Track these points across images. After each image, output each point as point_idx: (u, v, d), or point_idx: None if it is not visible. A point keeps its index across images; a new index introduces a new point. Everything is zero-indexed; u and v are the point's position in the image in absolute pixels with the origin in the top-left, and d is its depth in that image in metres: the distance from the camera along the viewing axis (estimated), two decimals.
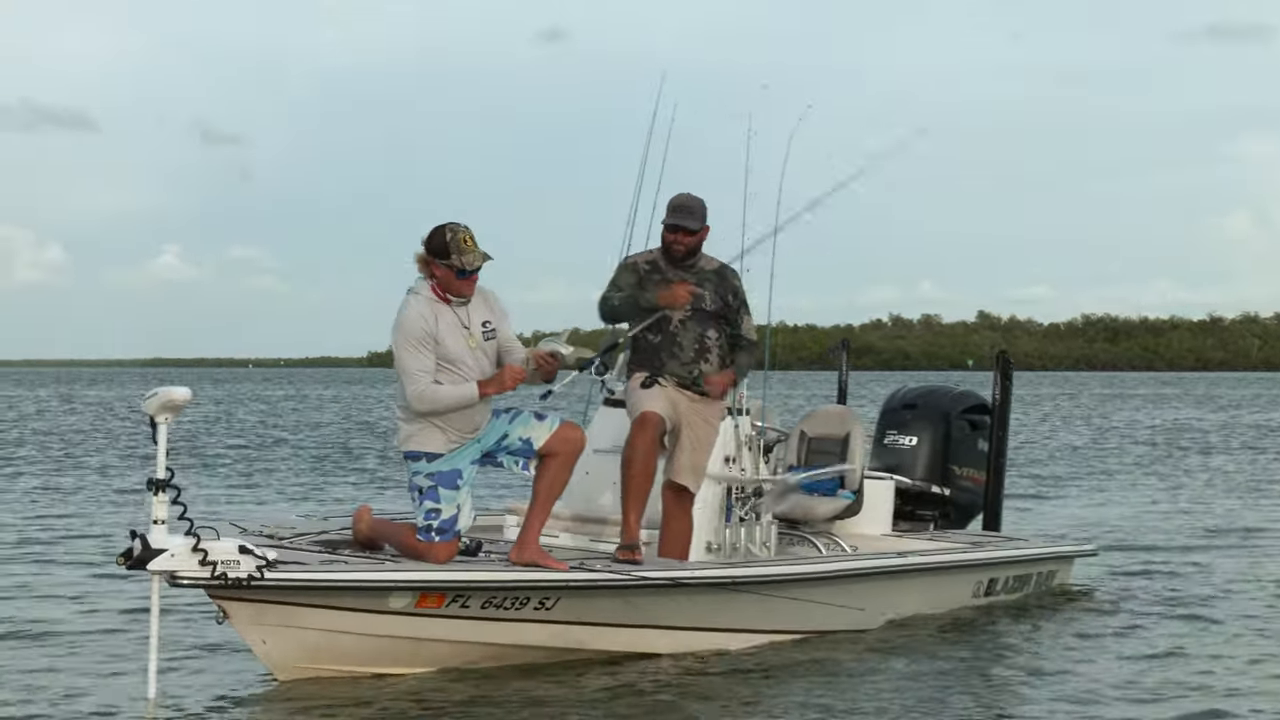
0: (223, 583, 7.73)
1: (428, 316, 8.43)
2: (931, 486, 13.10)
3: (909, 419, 13.31)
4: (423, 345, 8.38)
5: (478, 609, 8.44)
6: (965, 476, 13.18)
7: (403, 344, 8.41)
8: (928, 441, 13.16)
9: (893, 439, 13.26)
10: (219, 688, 8.45)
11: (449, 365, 8.45)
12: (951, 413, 13.31)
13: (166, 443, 7.81)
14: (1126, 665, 9.58)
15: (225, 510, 17.79)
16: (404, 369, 8.41)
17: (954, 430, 13.24)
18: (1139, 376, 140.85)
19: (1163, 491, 22.58)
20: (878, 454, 13.32)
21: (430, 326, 8.41)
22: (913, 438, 13.18)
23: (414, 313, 8.45)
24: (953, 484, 13.14)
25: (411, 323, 8.43)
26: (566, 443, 8.67)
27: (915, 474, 13.04)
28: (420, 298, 8.51)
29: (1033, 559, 11.91)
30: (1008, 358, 13.33)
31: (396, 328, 8.47)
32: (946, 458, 13.16)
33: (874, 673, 9.18)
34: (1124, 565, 14.00)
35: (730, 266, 9.79)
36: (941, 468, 13.15)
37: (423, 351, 8.38)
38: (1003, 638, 10.46)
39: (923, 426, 13.22)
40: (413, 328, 8.42)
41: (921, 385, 14.01)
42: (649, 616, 9.08)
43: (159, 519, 7.74)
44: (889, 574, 10.46)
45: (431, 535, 8.51)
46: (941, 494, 13.10)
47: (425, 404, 8.36)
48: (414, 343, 8.39)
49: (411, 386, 8.38)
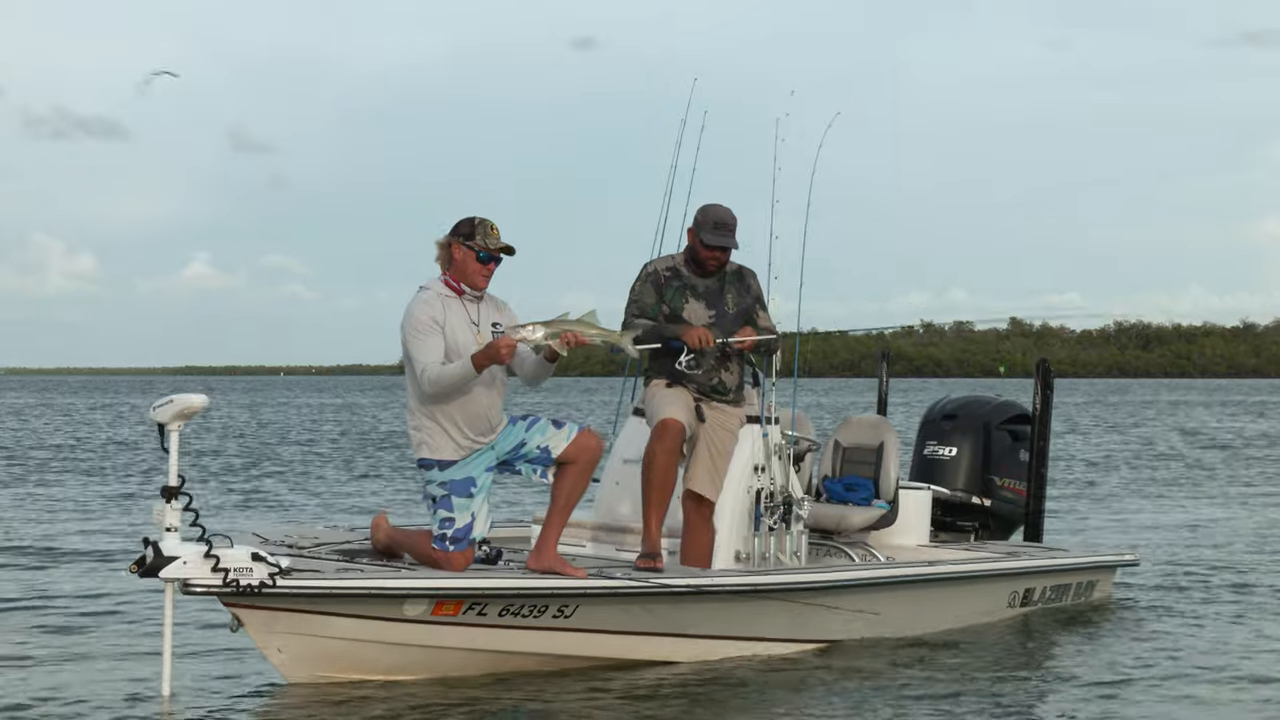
0: (235, 590, 7.72)
1: (436, 307, 8.41)
2: (972, 497, 12.96)
3: (949, 430, 13.18)
4: (430, 331, 8.34)
5: (495, 617, 8.40)
6: (1006, 487, 13.03)
7: (411, 332, 8.38)
8: (968, 452, 13.03)
9: (932, 450, 13.14)
10: (233, 691, 8.44)
11: (455, 359, 8.41)
12: (992, 423, 13.17)
13: (178, 450, 7.79)
14: (1167, 680, 9.38)
15: (248, 522, 17.79)
16: (412, 356, 8.37)
17: (994, 441, 13.09)
18: (1172, 383, 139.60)
19: (1211, 500, 22.30)
20: (918, 465, 13.21)
21: (438, 315, 8.38)
22: (952, 448, 13.05)
23: (421, 303, 8.44)
24: (994, 495, 12.99)
25: (419, 311, 8.41)
26: (585, 450, 8.61)
27: (955, 485, 12.91)
28: (429, 292, 8.50)
29: (1070, 568, 11.74)
30: (1048, 366, 13.17)
31: (404, 320, 8.45)
32: (987, 468, 13.02)
33: (896, 683, 9.05)
34: (1170, 576, 13.79)
35: (748, 268, 9.70)
36: (982, 478, 13.02)
37: (430, 336, 8.34)
38: (1035, 650, 10.30)
39: (963, 437, 13.09)
40: (420, 315, 8.39)
41: (962, 396, 13.85)
42: (671, 625, 9.00)
43: (171, 526, 7.74)
44: (916, 583, 10.32)
45: (446, 544, 8.47)
46: (982, 505, 12.97)
47: (431, 383, 8.30)
48: (421, 329, 8.35)
49: (420, 370, 8.33)
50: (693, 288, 9.50)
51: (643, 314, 9.47)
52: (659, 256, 9.77)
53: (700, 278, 9.51)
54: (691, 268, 9.52)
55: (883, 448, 11.61)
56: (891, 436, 11.68)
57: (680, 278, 9.52)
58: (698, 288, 9.50)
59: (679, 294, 9.48)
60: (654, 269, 9.59)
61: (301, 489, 23.92)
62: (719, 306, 9.48)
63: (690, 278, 9.52)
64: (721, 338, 9.43)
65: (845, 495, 11.42)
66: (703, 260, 9.46)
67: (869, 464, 11.64)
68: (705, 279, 9.52)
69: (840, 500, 11.40)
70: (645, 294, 9.51)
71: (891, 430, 11.78)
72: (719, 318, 9.45)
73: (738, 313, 9.52)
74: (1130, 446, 37.44)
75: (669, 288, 9.49)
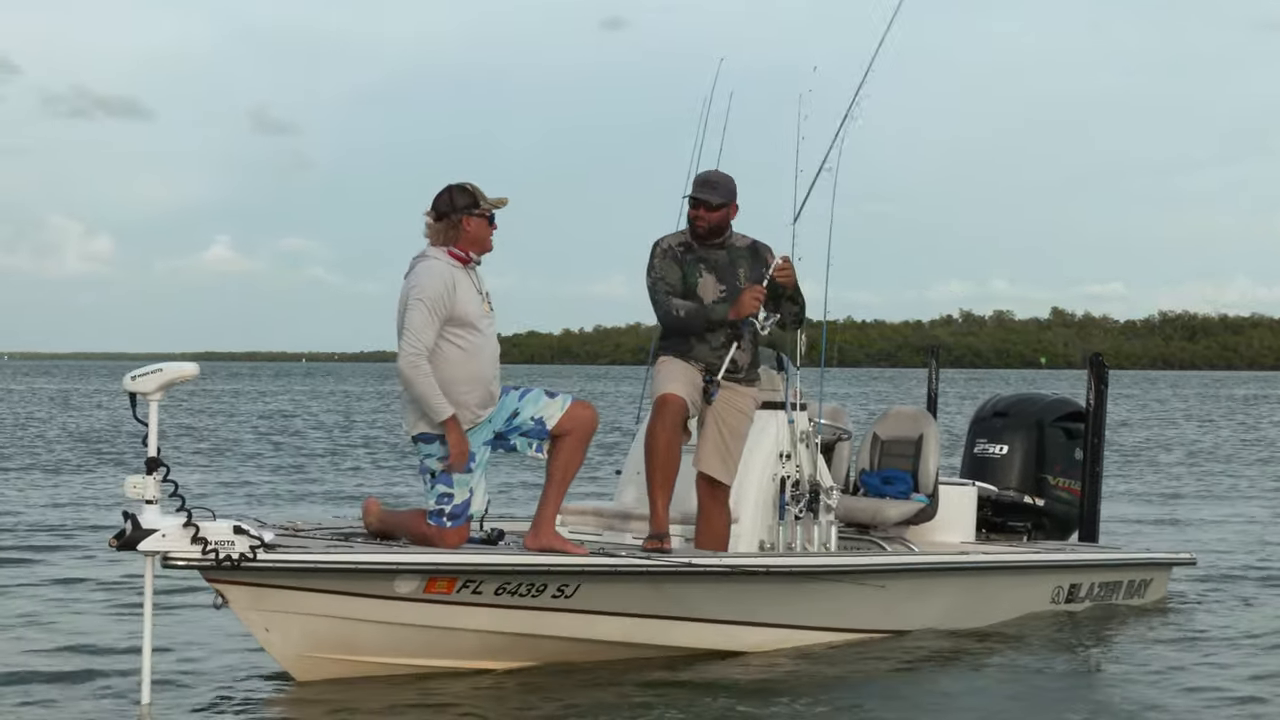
0: (214, 563, 7.49)
1: (448, 280, 8.13)
2: (1024, 497, 12.54)
3: (1000, 427, 12.77)
4: (436, 310, 8.04)
5: (491, 595, 8.12)
6: (1061, 487, 12.60)
7: (420, 299, 8.04)
8: (1020, 450, 12.61)
9: (983, 448, 12.74)
10: (219, 680, 8.25)
11: (464, 328, 8.11)
12: (1045, 420, 12.74)
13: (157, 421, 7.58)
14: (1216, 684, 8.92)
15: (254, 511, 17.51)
16: (412, 325, 8.02)
17: (1048, 438, 12.67)
18: (1219, 375, 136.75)
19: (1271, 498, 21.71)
20: (968, 463, 12.82)
21: (450, 289, 8.10)
22: (1003, 446, 12.64)
23: (436, 273, 8.11)
24: (1047, 494, 12.56)
25: (434, 281, 8.08)
26: (580, 422, 8.33)
27: (1007, 484, 12.50)
28: (439, 262, 8.19)
29: (1120, 564, 11.29)
30: (1102, 360, 12.74)
31: (413, 288, 8.11)
32: (1040, 467, 12.60)
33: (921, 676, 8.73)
34: (1229, 576, 13.27)
35: (764, 244, 9.36)
36: (1035, 477, 12.59)
37: (435, 317, 8.05)
38: (1076, 647, 9.89)
39: (1014, 435, 12.68)
40: (435, 286, 8.07)
41: (1015, 393, 13.46)
42: (678, 607, 8.69)
43: (150, 499, 7.53)
44: (943, 571, 9.91)
45: (443, 520, 8.21)
46: (1035, 505, 12.55)
47: (409, 369, 8.00)
48: (431, 303, 8.04)
49: (410, 344, 8.02)
50: (705, 260, 9.19)
51: (673, 291, 9.16)
52: (669, 233, 9.43)
53: (710, 249, 9.21)
54: (697, 240, 9.24)
55: (922, 440, 11.23)
56: (932, 429, 11.31)
57: (691, 250, 9.23)
58: (708, 260, 9.19)
59: (692, 268, 9.18)
60: (666, 245, 9.29)
61: (315, 480, 23.36)
62: (730, 281, 9.14)
63: (701, 251, 9.21)
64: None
65: (882, 489, 11.05)
66: (691, 221, 9.17)
67: (908, 457, 11.27)
68: (716, 251, 9.20)
69: (877, 493, 11.04)
70: (669, 269, 9.20)
71: (932, 422, 11.40)
72: (730, 293, 9.11)
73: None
74: (1186, 441, 36.63)
75: (684, 261, 9.21)
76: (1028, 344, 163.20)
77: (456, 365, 8.14)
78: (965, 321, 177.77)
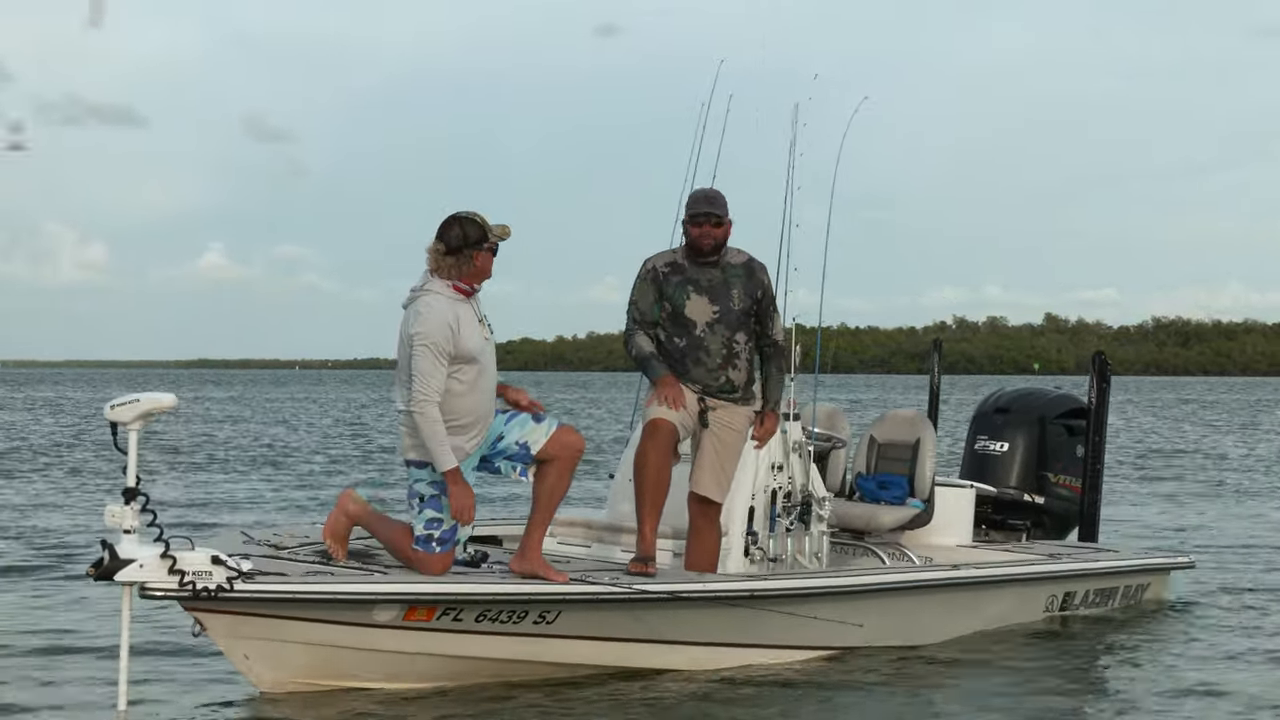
0: (191, 594, 7.47)
1: (451, 320, 8.03)
2: (1024, 495, 12.49)
3: (1001, 424, 12.71)
4: (442, 354, 7.97)
5: (472, 622, 8.08)
6: (1061, 484, 12.54)
7: (425, 345, 7.94)
8: (1021, 447, 12.56)
9: (983, 444, 12.68)
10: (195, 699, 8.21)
11: (468, 362, 8.04)
12: (1047, 417, 12.68)
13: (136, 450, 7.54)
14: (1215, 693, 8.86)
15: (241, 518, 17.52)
16: (420, 371, 7.95)
17: (1049, 435, 12.61)
18: (1212, 381, 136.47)
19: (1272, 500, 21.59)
20: (968, 460, 12.76)
21: (455, 328, 8.01)
22: (1004, 443, 12.58)
23: (439, 315, 8.00)
24: (1047, 492, 12.52)
25: (438, 323, 7.98)
26: (565, 448, 8.25)
27: (1007, 481, 12.45)
28: (442, 298, 8.08)
29: (1115, 571, 11.21)
30: (1105, 359, 12.68)
31: (421, 329, 7.98)
32: (1041, 464, 12.55)
33: (900, 693, 8.65)
34: (1229, 579, 13.19)
35: (759, 261, 9.19)
36: (1035, 475, 12.55)
37: (442, 361, 7.99)
38: (1069, 657, 9.81)
39: (1015, 431, 12.62)
40: (440, 329, 7.97)
41: (1017, 389, 13.34)
42: (660, 632, 8.63)
43: (128, 528, 7.50)
44: (929, 588, 9.83)
45: (432, 545, 8.15)
46: (1035, 503, 12.49)
47: (419, 416, 7.93)
48: (437, 348, 7.95)
49: (420, 390, 7.98)
50: (695, 281, 8.96)
51: (643, 318, 9.01)
52: (659, 252, 9.28)
53: (703, 269, 9.05)
54: (692, 258, 9.07)
55: (919, 444, 11.17)
56: (928, 432, 11.24)
57: (681, 271, 8.99)
58: (700, 281, 8.96)
59: (680, 289, 8.95)
60: (652, 265, 9.10)
61: (304, 487, 23.24)
62: (723, 301, 8.94)
63: (692, 270, 9.01)
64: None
65: (878, 493, 11.01)
66: (695, 240, 8.99)
67: (904, 461, 11.21)
68: (709, 271, 9.03)
69: (872, 498, 10.99)
70: (644, 295, 9.03)
71: (928, 426, 11.33)
72: (723, 314, 8.92)
73: (743, 309, 8.99)
74: (1183, 444, 36.52)
75: (669, 283, 8.98)
76: (1021, 350, 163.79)
77: (456, 398, 8.07)
78: (959, 328, 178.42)
